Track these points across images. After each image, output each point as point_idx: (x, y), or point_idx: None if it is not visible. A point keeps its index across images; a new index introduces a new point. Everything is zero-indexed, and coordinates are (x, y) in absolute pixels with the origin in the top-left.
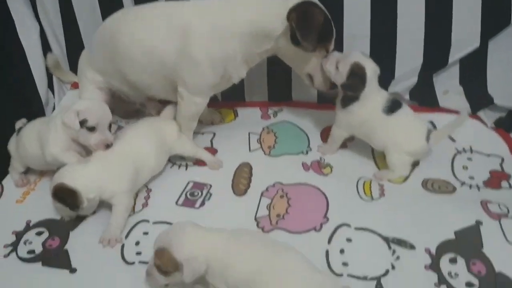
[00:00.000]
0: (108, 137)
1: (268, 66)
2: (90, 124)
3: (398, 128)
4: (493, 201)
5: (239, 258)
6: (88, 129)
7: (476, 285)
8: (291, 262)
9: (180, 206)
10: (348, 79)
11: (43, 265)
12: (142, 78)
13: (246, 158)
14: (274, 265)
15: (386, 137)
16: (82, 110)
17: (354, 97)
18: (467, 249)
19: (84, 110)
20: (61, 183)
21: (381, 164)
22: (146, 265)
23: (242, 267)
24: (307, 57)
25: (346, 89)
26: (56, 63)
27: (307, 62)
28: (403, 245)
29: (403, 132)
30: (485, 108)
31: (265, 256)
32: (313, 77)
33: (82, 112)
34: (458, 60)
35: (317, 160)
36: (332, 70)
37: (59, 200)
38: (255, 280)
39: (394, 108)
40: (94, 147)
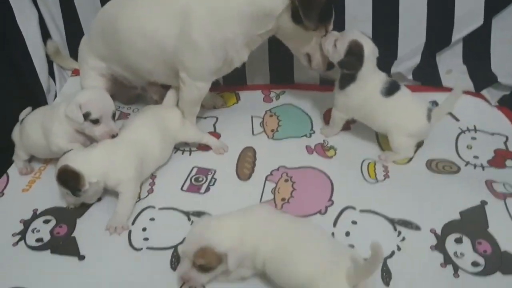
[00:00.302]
0: (113, 128)
1: (269, 49)
2: (94, 117)
3: (398, 110)
4: (498, 181)
5: (266, 238)
6: (92, 122)
7: (482, 264)
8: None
9: (185, 191)
10: (346, 57)
11: (52, 253)
12: (142, 63)
13: (250, 142)
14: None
15: (386, 119)
16: (84, 102)
17: (351, 78)
18: (472, 229)
19: (86, 102)
20: (65, 165)
21: (385, 146)
22: (154, 251)
23: (269, 245)
24: (307, 37)
25: (343, 66)
26: (56, 50)
27: (306, 42)
28: (409, 226)
29: (404, 113)
30: (489, 86)
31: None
32: (312, 56)
33: (84, 104)
34: (462, 39)
35: (321, 143)
36: (330, 48)
37: (62, 182)
38: (280, 256)
39: (393, 90)
40: (100, 138)
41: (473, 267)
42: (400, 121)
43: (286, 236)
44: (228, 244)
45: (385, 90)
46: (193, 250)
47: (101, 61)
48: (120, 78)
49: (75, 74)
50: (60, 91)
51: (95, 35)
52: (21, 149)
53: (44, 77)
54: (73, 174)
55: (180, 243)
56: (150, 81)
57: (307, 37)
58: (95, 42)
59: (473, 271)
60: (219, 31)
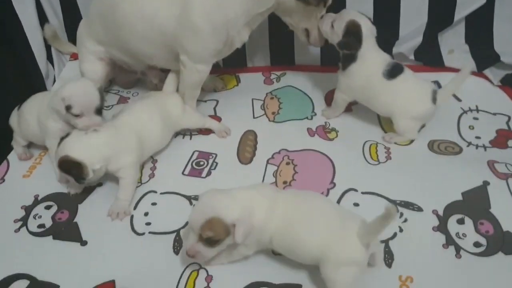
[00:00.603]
0: (95, 121)
1: (269, 30)
2: (75, 111)
3: (402, 92)
4: (500, 161)
5: (273, 212)
6: (73, 115)
7: (484, 245)
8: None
9: (187, 176)
10: (344, 37)
11: (54, 239)
12: (142, 47)
13: (251, 125)
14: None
15: (390, 103)
16: (68, 96)
17: (352, 58)
18: (474, 210)
19: (70, 96)
20: (66, 156)
21: (387, 127)
22: (156, 235)
23: (277, 220)
24: (307, 13)
25: (342, 47)
26: (54, 34)
27: (306, 18)
28: (411, 207)
29: (408, 96)
30: (492, 66)
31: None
32: (310, 32)
33: (67, 98)
34: (464, 18)
35: (322, 125)
36: (328, 29)
37: (65, 172)
38: (289, 231)
39: (396, 73)
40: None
41: (475, 247)
42: (404, 104)
43: (293, 209)
44: (236, 215)
45: (387, 72)
46: (200, 223)
47: (100, 45)
48: (119, 62)
49: (73, 58)
50: (58, 76)
51: (93, 19)
52: (20, 135)
53: (42, 62)
54: (75, 164)
55: (182, 227)
56: (150, 65)
57: (307, 13)
58: (94, 26)
59: (475, 252)
60: (220, 11)
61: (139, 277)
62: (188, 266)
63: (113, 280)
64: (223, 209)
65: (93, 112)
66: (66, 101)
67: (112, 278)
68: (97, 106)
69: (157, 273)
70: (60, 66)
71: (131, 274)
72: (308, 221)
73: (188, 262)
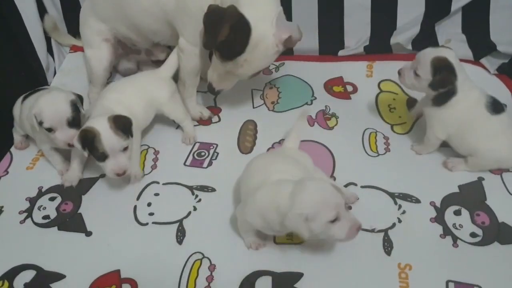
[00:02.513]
0: (69, 135)
1: None
2: (45, 126)
3: (499, 131)
4: None
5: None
6: (46, 130)
7: (480, 235)
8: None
9: (188, 166)
10: (435, 76)
11: (59, 230)
12: (147, 22)
13: (251, 115)
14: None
15: (483, 139)
16: (38, 112)
17: (452, 91)
18: (471, 202)
19: (39, 112)
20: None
21: (385, 114)
22: (159, 225)
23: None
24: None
25: (437, 86)
26: (54, 25)
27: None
28: (409, 199)
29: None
30: (488, 55)
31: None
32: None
33: (37, 114)
34: (461, 8)
35: (322, 109)
36: (413, 80)
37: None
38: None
39: (498, 109)
40: (60, 145)
41: (472, 237)
42: (497, 144)
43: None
44: None
45: (490, 106)
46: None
47: (105, 23)
48: (124, 41)
49: (73, 51)
50: (59, 68)
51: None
52: (19, 125)
53: (42, 54)
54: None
55: (184, 218)
56: (155, 42)
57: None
58: (99, 2)
59: (471, 241)
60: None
61: (144, 266)
62: (192, 255)
63: (118, 269)
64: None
65: (65, 125)
66: (38, 117)
67: (117, 268)
68: (69, 119)
69: (161, 262)
70: (61, 58)
71: (136, 263)
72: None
73: (192, 252)
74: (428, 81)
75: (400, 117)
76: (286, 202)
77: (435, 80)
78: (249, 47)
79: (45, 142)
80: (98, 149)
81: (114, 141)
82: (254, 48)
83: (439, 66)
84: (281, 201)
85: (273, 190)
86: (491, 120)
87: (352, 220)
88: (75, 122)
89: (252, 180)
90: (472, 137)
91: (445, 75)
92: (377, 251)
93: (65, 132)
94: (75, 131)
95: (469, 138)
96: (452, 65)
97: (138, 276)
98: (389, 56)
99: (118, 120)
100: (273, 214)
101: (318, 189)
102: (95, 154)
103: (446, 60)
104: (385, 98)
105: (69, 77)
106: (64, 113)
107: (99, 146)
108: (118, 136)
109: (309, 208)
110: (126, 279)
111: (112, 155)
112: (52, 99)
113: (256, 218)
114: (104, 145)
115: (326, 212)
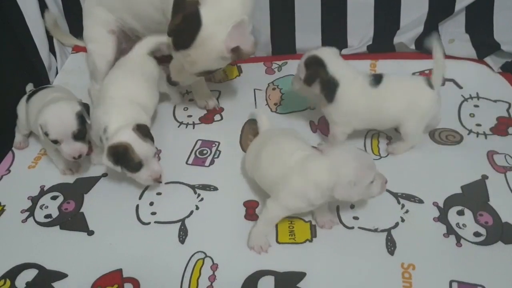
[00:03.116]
0: (75, 149)
1: (270, 19)
2: (51, 138)
3: (403, 92)
4: (500, 152)
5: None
6: (52, 141)
7: (484, 234)
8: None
9: (190, 165)
10: (307, 71)
11: (61, 229)
12: (149, 12)
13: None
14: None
15: (395, 109)
16: (43, 123)
17: (333, 84)
18: (474, 202)
19: (45, 124)
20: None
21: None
22: (161, 225)
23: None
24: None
25: (307, 82)
26: (55, 22)
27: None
28: (412, 200)
29: (411, 93)
30: (492, 54)
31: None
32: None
33: (43, 125)
34: (464, 8)
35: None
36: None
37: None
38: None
39: (379, 79)
40: (66, 157)
41: (475, 237)
42: (411, 103)
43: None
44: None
45: (373, 81)
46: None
47: (111, 12)
48: (129, 32)
49: (75, 51)
50: (61, 68)
51: None
52: (22, 123)
53: (45, 54)
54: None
55: (187, 217)
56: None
57: None
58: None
59: (475, 241)
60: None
61: (146, 266)
62: (194, 254)
63: (120, 269)
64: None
65: (70, 138)
66: (43, 128)
67: (119, 267)
68: (74, 132)
69: (163, 262)
70: (63, 58)
71: (138, 263)
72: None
73: (194, 251)
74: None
75: None
76: (326, 177)
77: (305, 76)
78: (195, 43)
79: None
80: (133, 160)
81: (146, 149)
82: (199, 46)
83: (308, 63)
84: (320, 177)
85: (307, 169)
86: (381, 91)
87: (381, 176)
88: (80, 135)
89: (272, 169)
90: (381, 115)
91: (312, 70)
92: (380, 250)
93: (71, 145)
94: (80, 144)
95: (379, 118)
96: (321, 60)
97: (140, 275)
98: (392, 55)
99: (142, 128)
100: (315, 191)
101: (356, 156)
102: (130, 166)
103: (315, 57)
104: None
105: (71, 76)
106: (70, 126)
107: (134, 157)
108: (148, 143)
109: (354, 175)
110: (128, 278)
111: (146, 163)
112: (57, 111)
113: (297, 201)
114: (139, 154)
115: (368, 174)
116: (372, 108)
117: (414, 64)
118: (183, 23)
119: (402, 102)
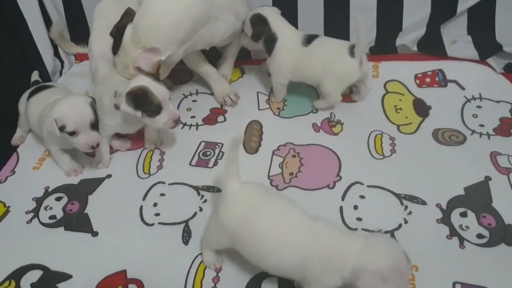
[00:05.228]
0: (92, 138)
1: None
2: (69, 130)
3: (321, 54)
4: (503, 153)
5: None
6: (69, 134)
7: (487, 236)
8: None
9: (194, 166)
10: (253, 29)
11: (65, 230)
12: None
13: (256, 116)
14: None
15: (315, 68)
16: (59, 117)
17: (272, 39)
18: (477, 204)
19: (61, 116)
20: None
21: (391, 115)
22: (165, 226)
23: None
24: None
25: (256, 36)
26: (61, 33)
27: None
28: (415, 201)
29: (327, 56)
30: (494, 55)
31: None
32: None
33: (59, 119)
34: (466, 10)
35: (328, 117)
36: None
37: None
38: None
39: (312, 38)
40: (81, 149)
41: (478, 238)
42: (327, 65)
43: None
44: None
45: (305, 40)
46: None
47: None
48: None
49: (79, 61)
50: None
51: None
52: (24, 120)
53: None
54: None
55: (190, 218)
56: None
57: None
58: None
59: (478, 243)
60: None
61: (150, 267)
62: (198, 256)
63: (124, 270)
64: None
65: (88, 127)
66: (58, 122)
67: (123, 268)
68: (91, 121)
69: (167, 263)
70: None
71: (142, 264)
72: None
73: (198, 252)
74: (251, 32)
75: (407, 117)
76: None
77: (253, 33)
78: (120, 48)
79: (53, 143)
80: (153, 102)
81: (163, 90)
82: (121, 52)
83: (254, 21)
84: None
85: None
86: (310, 50)
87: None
88: (96, 125)
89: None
90: (308, 71)
91: (258, 27)
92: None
93: (89, 134)
94: (96, 134)
95: (307, 75)
96: (265, 18)
97: (144, 276)
98: (394, 56)
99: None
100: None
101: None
102: (150, 109)
103: (259, 15)
104: (391, 99)
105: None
106: (87, 115)
107: (154, 99)
108: (163, 86)
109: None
110: (132, 279)
111: (165, 106)
112: (73, 102)
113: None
114: (158, 96)
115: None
116: (300, 64)
117: (416, 65)
118: (116, 27)
119: (320, 63)
